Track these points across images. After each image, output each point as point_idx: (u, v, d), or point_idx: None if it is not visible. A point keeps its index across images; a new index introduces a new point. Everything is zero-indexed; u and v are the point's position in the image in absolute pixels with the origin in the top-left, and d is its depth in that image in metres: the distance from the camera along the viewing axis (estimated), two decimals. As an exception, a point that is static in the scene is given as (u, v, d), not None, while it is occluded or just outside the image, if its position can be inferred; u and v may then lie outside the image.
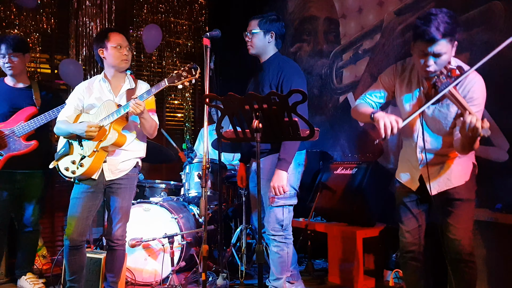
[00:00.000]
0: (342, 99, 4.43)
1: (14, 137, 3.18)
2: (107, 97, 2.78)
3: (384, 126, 2.00)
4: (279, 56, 2.85)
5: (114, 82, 2.85)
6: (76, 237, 2.69)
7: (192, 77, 2.58)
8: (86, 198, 2.72)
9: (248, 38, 2.80)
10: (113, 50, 2.76)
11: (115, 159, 2.76)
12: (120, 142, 2.69)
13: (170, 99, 5.64)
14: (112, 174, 2.75)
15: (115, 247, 2.83)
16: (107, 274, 2.90)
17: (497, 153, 3.02)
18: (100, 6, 4.98)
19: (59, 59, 4.83)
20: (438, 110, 2.17)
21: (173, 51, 5.60)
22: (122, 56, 2.78)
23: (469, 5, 3.13)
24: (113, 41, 2.77)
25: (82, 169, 2.66)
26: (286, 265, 2.77)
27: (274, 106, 1.84)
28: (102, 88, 2.82)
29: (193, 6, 5.78)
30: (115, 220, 2.79)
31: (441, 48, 1.99)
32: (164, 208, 3.58)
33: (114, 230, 2.80)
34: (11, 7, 4.54)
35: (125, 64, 2.82)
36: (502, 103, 2.08)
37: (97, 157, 2.66)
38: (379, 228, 3.49)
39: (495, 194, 2.92)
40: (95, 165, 2.67)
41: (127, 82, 2.89)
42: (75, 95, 2.83)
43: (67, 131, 2.72)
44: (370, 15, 4.14)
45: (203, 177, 2.26)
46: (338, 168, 3.89)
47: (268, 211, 2.74)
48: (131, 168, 2.83)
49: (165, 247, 3.43)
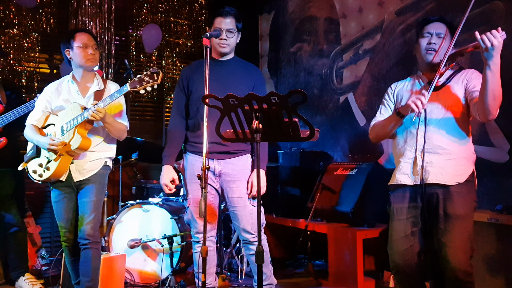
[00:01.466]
0: (343, 99, 4.42)
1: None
2: (75, 99, 2.77)
3: (414, 103, 2.09)
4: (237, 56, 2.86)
5: (82, 83, 2.84)
6: (70, 236, 2.73)
7: (154, 82, 2.56)
8: (64, 200, 2.74)
9: (227, 36, 2.69)
10: (79, 49, 2.74)
11: (81, 160, 2.74)
12: (84, 146, 2.66)
13: (169, 99, 5.62)
14: (79, 174, 2.73)
15: (88, 245, 2.65)
16: (82, 278, 2.70)
17: (497, 153, 3.02)
18: (99, 5, 4.96)
19: (58, 59, 4.82)
20: (442, 92, 2.25)
21: (173, 51, 5.58)
22: (87, 56, 2.75)
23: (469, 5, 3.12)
24: (78, 40, 2.75)
25: (48, 172, 2.67)
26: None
27: (274, 106, 1.83)
28: (70, 90, 2.81)
29: (193, 6, 5.77)
30: (85, 214, 2.68)
31: (441, 29, 2.26)
32: (163, 209, 3.57)
33: (83, 227, 2.65)
34: (10, 6, 4.53)
35: (91, 63, 2.79)
36: (503, 104, 2.07)
37: (63, 160, 2.65)
38: (379, 229, 3.47)
39: (496, 195, 2.92)
40: (61, 168, 2.66)
41: (96, 83, 2.86)
42: (43, 97, 2.83)
43: (32, 140, 2.75)
44: (371, 15, 4.14)
45: (202, 177, 2.25)
46: (338, 168, 3.88)
47: (250, 213, 2.70)
48: (100, 167, 2.78)
49: (164, 248, 3.42)
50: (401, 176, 2.32)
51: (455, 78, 2.26)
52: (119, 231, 3.59)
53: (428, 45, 2.26)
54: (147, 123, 5.43)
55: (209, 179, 2.70)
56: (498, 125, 2.96)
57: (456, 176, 2.20)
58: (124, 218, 3.57)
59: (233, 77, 2.74)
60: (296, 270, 4.02)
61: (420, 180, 2.22)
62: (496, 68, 1.96)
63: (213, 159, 2.71)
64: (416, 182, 2.25)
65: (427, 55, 2.26)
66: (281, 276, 3.60)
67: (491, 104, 2.02)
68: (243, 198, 2.71)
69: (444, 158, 2.21)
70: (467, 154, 2.25)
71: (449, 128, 2.22)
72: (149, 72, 2.56)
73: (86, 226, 2.66)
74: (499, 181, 2.94)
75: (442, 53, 2.20)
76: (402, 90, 2.43)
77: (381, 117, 2.46)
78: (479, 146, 2.43)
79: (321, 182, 3.86)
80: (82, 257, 2.68)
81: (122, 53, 5.20)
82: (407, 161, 2.30)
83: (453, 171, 2.20)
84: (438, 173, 2.20)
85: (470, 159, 2.27)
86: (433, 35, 2.26)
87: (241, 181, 2.71)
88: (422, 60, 2.32)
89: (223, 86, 2.63)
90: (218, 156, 2.70)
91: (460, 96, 2.22)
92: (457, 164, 2.21)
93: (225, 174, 2.72)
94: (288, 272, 3.94)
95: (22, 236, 3.46)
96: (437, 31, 2.26)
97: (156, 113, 5.61)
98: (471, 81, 2.20)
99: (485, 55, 1.96)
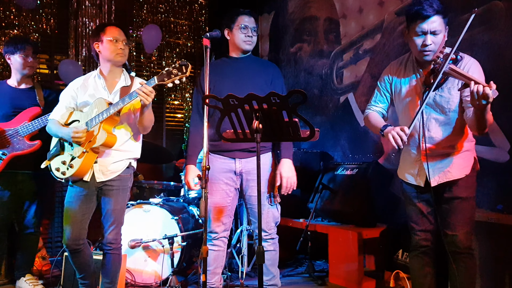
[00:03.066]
0: (343, 100, 4.42)
1: (18, 137, 3.17)
2: (101, 94, 2.69)
3: (394, 139, 2.12)
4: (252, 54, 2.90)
5: (109, 79, 2.76)
6: (71, 243, 2.64)
7: (183, 75, 2.46)
8: (79, 202, 2.65)
9: (252, 34, 2.76)
10: (109, 43, 2.68)
11: (106, 160, 2.66)
12: (109, 142, 2.58)
13: (170, 99, 5.63)
14: (103, 175, 2.66)
15: (109, 251, 2.71)
16: (103, 279, 2.77)
17: (497, 153, 3.01)
18: (99, 6, 4.96)
19: (58, 59, 4.81)
20: (439, 95, 2.22)
21: (173, 51, 5.58)
22: (117, 50, 2.69)
23: (470, 5, 3.12)
24: (109, 34, 2.68)
25: (72, 170, 2.59)
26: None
27: (274, 106, 1.83)
28: (96, 85, 2.74)
29: (193, 6, 5.77)
30: (107, 223, 2.68)
31: (436, 25, 2.12)
32: (164, 209, 3.57)
33: (106, 234, 2.69)
34: (10, 7, 4.54)
35: (121, 58, 2.72)
36: (503, 104, 2.08)
37: (87, 158, 2.57)
38: (379, 229, 3.47)
39: (496, 195, 2.91)
40: (85, 167, 2.58)
41: (123, 78, 2.79)
42: (68, 93, 2.77)
43: (56, 134, 2.70)
44: (371, 15, 4.14)
45: (203, 177, 2.25)
46: (338, 168, 3.88)
47: (266, 212, 2.72)
48: (124, 169, 2.71)
49: (165, 248, 3.42)
50: (408, 176, 2.39)
51: (451, 78, 2.22)
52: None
53: (423, 47, 2.17)
54: (147, 123, 5.42)
55: (230, 180, 2.71)
56: (499, 124, 2.96)
57: (462, 169, 2.25)
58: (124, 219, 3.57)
59: (251, 73, 2.75)
60: (296, 270, 4.02)
61: (426, 182, 2.28)
62: (485, 112, 1.96)
63: (234, 158, 2.70)
64: (422, 185, 2.32)
65: (424, 56, 2.20)
66: (282, 276, 3.59)
67: (480, 129, 2.07)
68: (262, 196, 2.71)
69: (448, 158, 2.25)
70: (468, 147, 2.29)
71: (450, 126, 2.24)
72: (177, 65, 2.46)
73: (109, 234, 2.68)
74: (499, 181, 2.94)
75: (438, 48, 2.16)
76: (400, 82, 2.39)
77: (377, 108, 2.48)
78: (479, 146, 2.44)
79: (322, 182, 3.86)
80: (103, 260, 2.74)
81: (122, 54, 5.19)
82: (413, 161, 2.35)
83: (459, 166, 2.25)
84: (445, 174, 2.25)
85: (472, 148, 2.32)
86: (427, 34, 2.14)
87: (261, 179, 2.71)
88: (417, 54, 2.26)
89: (241, 82, 2.67)
90: (240, 155, 2.70)
91: (456, 100, 2.22)
92: (461, 158, 2.26)
93: (245, 172, 2.71)
94: (289, 272, 3.94)
95: (34, 238, 3.46)
96: (432, 29, 2.13)
97: (157, 114, 5.55)
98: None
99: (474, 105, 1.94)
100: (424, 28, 2.13)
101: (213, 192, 2.71)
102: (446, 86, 2.21)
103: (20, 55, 3.22)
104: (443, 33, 2.18)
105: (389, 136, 2.14)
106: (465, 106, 2.16)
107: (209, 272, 2.68)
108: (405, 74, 2.37)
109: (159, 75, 2.47)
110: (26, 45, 3.25)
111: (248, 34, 2.74)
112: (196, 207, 3.97)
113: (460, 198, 2.24)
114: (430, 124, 2.26)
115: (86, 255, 2.74)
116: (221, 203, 2.71)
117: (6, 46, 3.28)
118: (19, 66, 3.25)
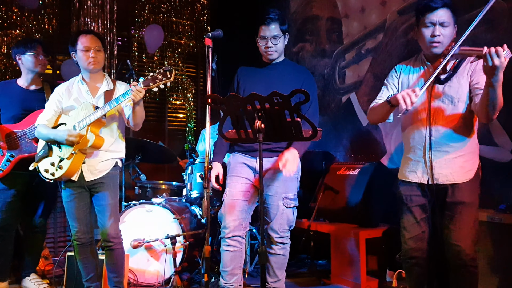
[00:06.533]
0: (345, 99, 4.42)
1: (26, 139, 3.18)
2: (85, 98, 2.81)
3: (403, 97, 2.05)
4: (287, 59, 2.86)
5: (91, 84, 2.88)
6: (81, 235, 2.80)
7: (167, 79, 2.59)
8: (76, 200, 2.79)
9: (271, 43, 2.68)
10: (81, 53, 2.79)
11: (93, 160, 2.78)
12: (97, 144, 2.71)
13: (172, 99, 5.63)
14: (91, 174, 2.78)
15: (112, 246, 2.81)
16: (110, 275, 2.88)
17: (500, 153, 3.01)
18: (101, 6, 4.97)
19: (60, 59, 4.83)
20: (449, 86, 2.21)
21: (175, 51, 5.58)
22: (89, 59, 2.77)
23: (473, 5, 3.12)
24: (80, 43, 2.79)
25: (60, 171, 2.69)
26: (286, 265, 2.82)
27: (277, 106, 1.83)
28: (80, 90, 2.86)
29: (195, 6, 5.77)
30: (105, 219, 2.78)
31: (445, 17, 2.15)
32: (166, 209, 3.57)
33: (107, 230, 2.78)
34: (12, 7, 4.55)
35: (94, 66, 2.80)
36: (506, 104, 2.07)
37: (75, 159, 2.68)
38: (382, 229, 3.47)
39: (499, 195, 2.91)
40: (74, 167, 2.70)
41: (105, 83, 2.90)
42: (54, 98, 2.87)
43: (48, 136, 2.76)
44: (373, 15, 4.13)
45: (205, 177, 2.25)
46: (341, 168, 3.87)
47: (281, 213, 2.70)
48: (111, 167, 2.83)
49: (167, 248, 3.43)
50: (410, 174, 2.34)
51: (461, 69, 2.22)
52: (122, 231, 3.58)
53: (432, 37, 2.19)
54: (149, 123, 5.43)
55: (249, 175, 2.73)
56: (501, 124, 2.95)
57: (466, 173, 2.23)
58: (127, 219, 3.57)
59: (280, 79, 2.72)
60: (299, 270, 4.01)
61: (429, 180, 2.25)
62: (498, 84, 1.94)
63: (255, 157, 2.71)
64: (425, 182, 2.28)
65: (432, 48, 2.21)
66: (284, 276, 3.60)
67: (490, 111, 2.04)
68: (278, 197, 2.70)
69: (453, 156, 2.22)
70: (473, 148, 2.27)
71: (457, 124, 2.22)
72: (162, 70, 2.60)
73: (108, 229, 2.78)
74: (502, 180, 2.93)
75: (447, 42, 2.18)
76: (408, 79, 2.38)
77: (381, 100, 2.42)
78: (482, 146, 2.43)
79: (324, 182, 3.85)
80: (108, 257, 2.84)
81: (124, 54, 5.21)
82: (417, 159, 2.31)
83: (462, 169, 2.22)
84: (448, 174, 2.23)
85: (476, 152, 2.30)
86: (436, 25, 2.17)
87: (278, 180, 2.69)
88: (425, 48, 2.27)
89: (269, 88, 2.66)
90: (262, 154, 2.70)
91: (466, 90, 2.20)
92: (465, 160, 2.24)
93: (265, 171, 2.70)
94: (291, 272, 3.93)
95: (40, 237, 3.51)
96: (440, 20, 2.16)
97: (159, 113, 5.62)
98: (475, 74, 2.18)
99: (488, 71, 1.92)
100: (433, 19, 2.17)
101: (231, 185, 2.73)
102: (456, 77, 2.20)
103: (31, 54, 3.24)
104: (451, 27, 2.18)
105: (398, 96, 2.08)
106: (474, 94, 2.14)
107: (227, 273, 2.65)
108: (412, 69, 2.37)
109: (144, 80, 2.60)
110: (36, 44, 3.29)
111: (267, 45, 2.69)
112: (198, 207, 3.97)
113: (463, 203, 2.20)
114: (438, 116, 2.23)
115: (94, 252, 2.87)
116: (237, 197, 2.69)
117: (16, 47, 3.30)
118: (30, 64, 3.26)
